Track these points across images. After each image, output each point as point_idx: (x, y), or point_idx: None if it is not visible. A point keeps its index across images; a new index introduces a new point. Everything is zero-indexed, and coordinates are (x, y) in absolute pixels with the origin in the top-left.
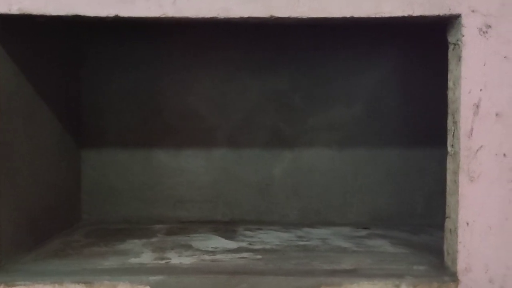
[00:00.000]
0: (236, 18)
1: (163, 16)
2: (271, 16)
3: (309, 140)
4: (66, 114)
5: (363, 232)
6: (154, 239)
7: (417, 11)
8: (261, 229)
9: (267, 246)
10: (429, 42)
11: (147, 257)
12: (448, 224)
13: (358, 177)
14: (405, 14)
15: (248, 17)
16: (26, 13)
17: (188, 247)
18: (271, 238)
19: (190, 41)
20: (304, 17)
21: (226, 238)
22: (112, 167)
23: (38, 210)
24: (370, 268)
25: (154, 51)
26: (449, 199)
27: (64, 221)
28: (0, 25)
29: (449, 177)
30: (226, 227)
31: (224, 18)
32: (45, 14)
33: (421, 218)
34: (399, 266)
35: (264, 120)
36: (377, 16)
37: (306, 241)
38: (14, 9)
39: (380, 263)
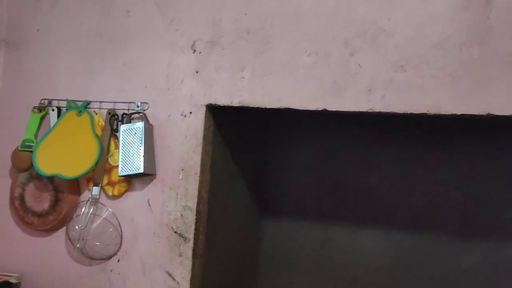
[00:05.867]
0: (447, 115)
1: (370, 110)
2: (488, 114)
3: (505, 233)
4: (253, 186)
5: None
6: None
7: None
8: None
9: None
10: None
11: None
12: None
13: None
14: None
15: (461, 114)
16: (244, 106)
17: None
18: None
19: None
20: None
21: None
22: (288, 239)
23: (227, 281)
24: None
25: (334, 129)
26: None
27: None
28: (218, 113)
29: None
30: None
31: (434, 114)
32: (260, 107)
33: None
34: None
35: (452, 206)
36: None
37: None
38: (235, 102)
39: None
